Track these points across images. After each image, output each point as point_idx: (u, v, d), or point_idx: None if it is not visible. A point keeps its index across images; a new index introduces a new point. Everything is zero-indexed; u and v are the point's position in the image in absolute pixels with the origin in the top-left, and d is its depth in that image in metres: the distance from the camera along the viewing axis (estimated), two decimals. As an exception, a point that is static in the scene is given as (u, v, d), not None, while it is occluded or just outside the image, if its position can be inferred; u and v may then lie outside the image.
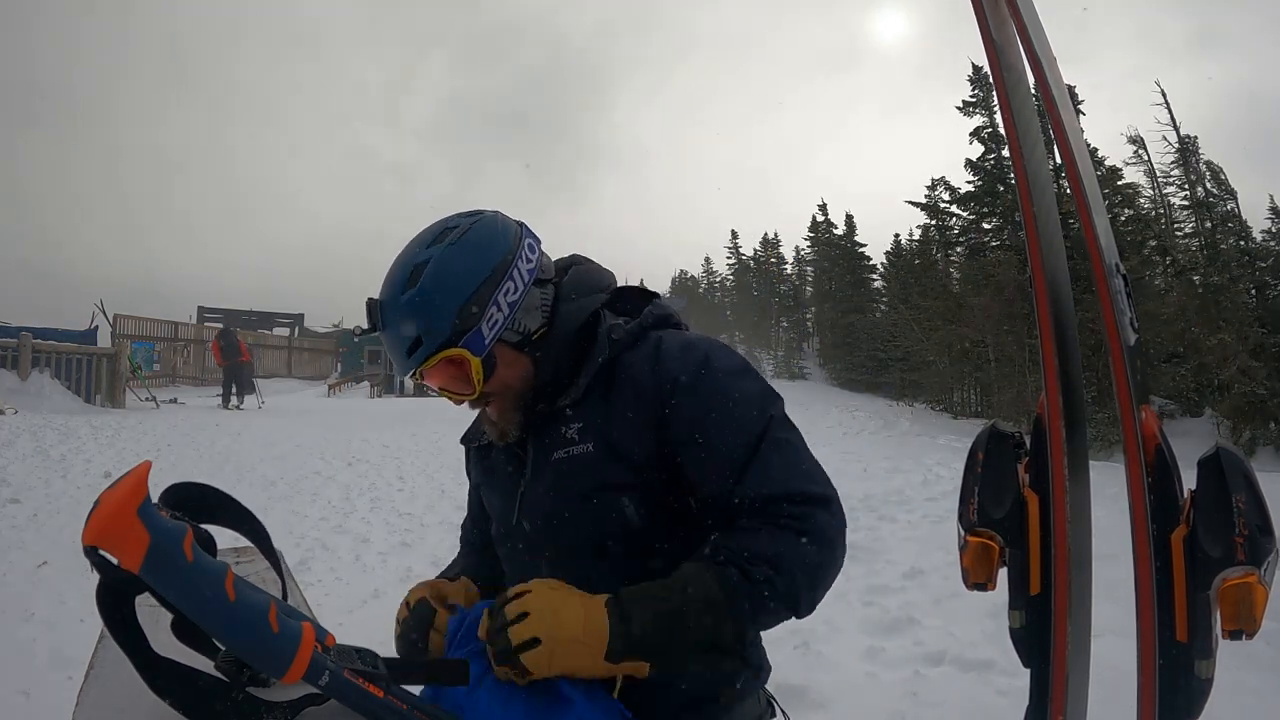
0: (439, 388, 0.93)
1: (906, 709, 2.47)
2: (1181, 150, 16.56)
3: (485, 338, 0.88)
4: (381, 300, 0.89)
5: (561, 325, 0.93)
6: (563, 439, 0.92)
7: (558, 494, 0.92)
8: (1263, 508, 0.84)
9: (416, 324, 0.87)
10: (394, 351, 0.90)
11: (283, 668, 0.74)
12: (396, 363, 0.91)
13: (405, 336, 0.87)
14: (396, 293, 0.88)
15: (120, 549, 0.69)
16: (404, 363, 0.89)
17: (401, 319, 0.87)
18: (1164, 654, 0.87)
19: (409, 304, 0.87)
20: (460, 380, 0.91)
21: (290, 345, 25.11)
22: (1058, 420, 0.92)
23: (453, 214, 0.94)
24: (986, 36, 0.90)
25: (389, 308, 0.89)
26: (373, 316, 0.89)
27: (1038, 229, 0.92)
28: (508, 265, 0.90)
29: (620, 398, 0.90)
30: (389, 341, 0.90)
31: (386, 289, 0.90)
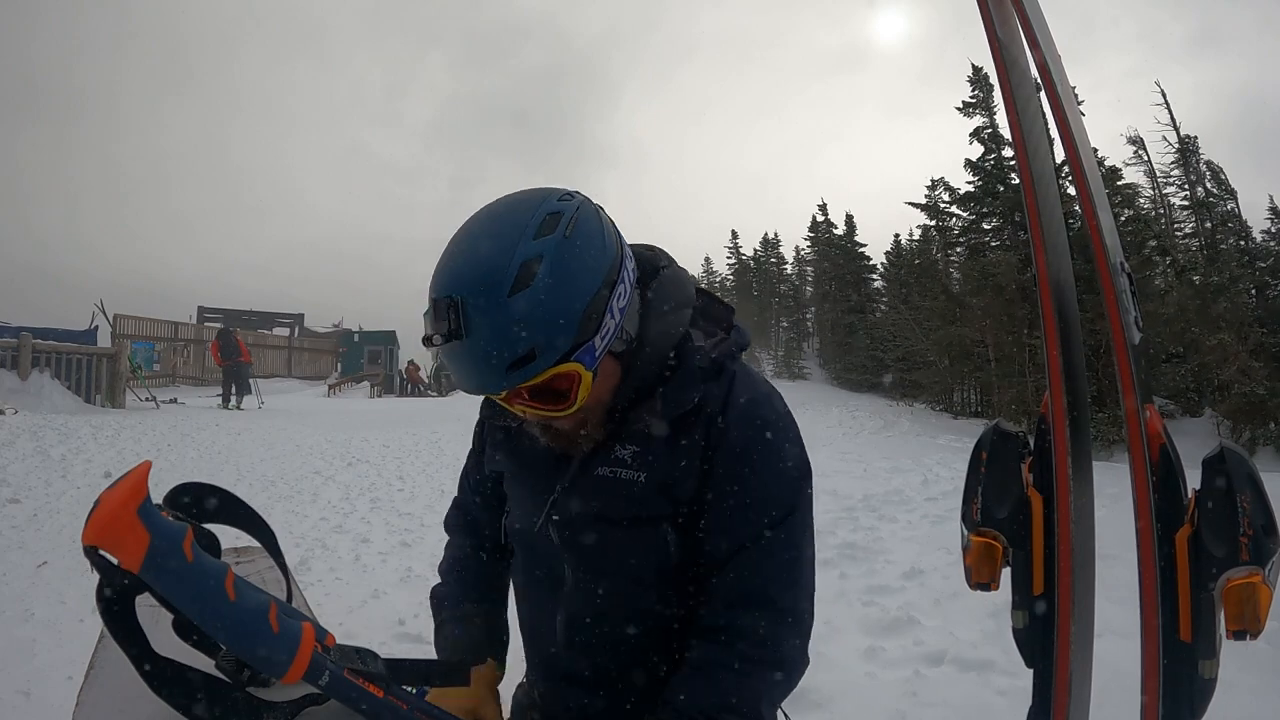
0: (523, 406, 0.79)
1: (906, 709, 2.47)
2: (1181, 150, 16.57)
3: (597, 350, 0.76)
4: (467, 301, 0.71)
5: (655, 342, 0.83)
6: (612, 456, 0.86)
7: (595, 513, 0.87)
8: (1267, 507, 0.84)
9: (530, 335, 0.71)
10: (484, 366, 0.72)
11: (283, 668, 0.74)
12: (483, 380, 0.73)
13: (509, 349, 0.71)
14: (498, 294, 0.70)
15: (120, 549, 0.68)
16: (498, 379, 0.72)
17: (506, 327, 0.70)
18: (1168, 654, 0.86)
19: (521, 310, 0.70)
20: (557, 397, 0.77)
21: (290, 345, 25.10)
22: (1061, 420, 0.91)
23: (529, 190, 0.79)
24: (991, 34, 0.90)
25: (484, 312, 0.70)
26: (450, 322, 0.71)
27: (1042, 227, 0.91)
28: (619, 264, 0.78)
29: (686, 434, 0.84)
30: (478, 354, 0.71)
31: (478, 287, 0.71)
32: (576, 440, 0.86)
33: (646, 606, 0.88)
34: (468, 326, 0.71)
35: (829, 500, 5.46)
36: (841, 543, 4.43)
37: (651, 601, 0.88)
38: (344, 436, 8.77)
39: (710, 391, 0.85)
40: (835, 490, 5.82)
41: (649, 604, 0.88)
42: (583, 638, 0.91)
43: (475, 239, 0.75)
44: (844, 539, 4.51)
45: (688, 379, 0.84)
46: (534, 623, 0.98)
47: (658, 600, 0.88)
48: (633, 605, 0.88)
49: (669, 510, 0.86)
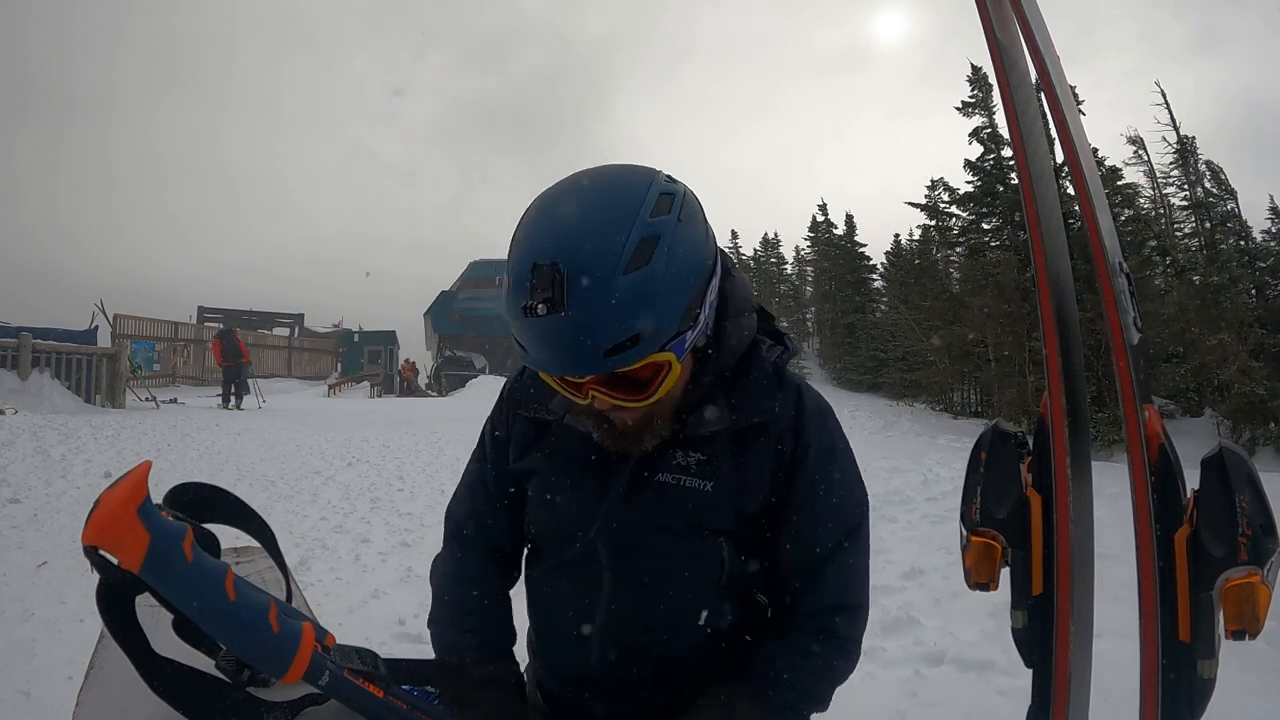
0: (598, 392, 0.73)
1: (906, 709, 2.47)
2: (1181, 150, 16.57)
3: (687, 342, 0.72)
4: (574, 272, 0.64)
5: (729, 343, 0.80)
6: (674, 463, 0.82)
7: (652, 523, 0.83)
8: (1266, 508, 0.84)
9: (637, 318, 0.65)
10: (578, 344, 0.66)
11: (283, 668, 0.74)
12: (576, 359, 0.67)
13: (614, 330, 0.65)
14: (613, 269, 0.64)
15: (120, 549, 0.68)
16: (594, 361, 0.67)
17: (618, 307, 0.65)
18: (1167, 654, 0.86)
19: (636, 290, 0.65)
20: (637, 386, 0.72)
21: (290, 345, 25.11)
22: (1061, 420, 0.92)
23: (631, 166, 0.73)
24: (990, 35, 0.90)
25: (594, 286, 0.64)
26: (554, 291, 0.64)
27: (1041, 228, 0.91)
28: (716, 258, 0.75)
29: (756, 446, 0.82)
30: (577, 331, 0.65)
31: (589, 259, 0.64)
32: (638, 438, 0.80)
33: (689, 619, 0.86)
34: (571, 299, 0.64)
35: (829, 500, 5.44)
36: (841, 543, 4.42)
37: (695, 614, 0.86)
38: (344, 436, 8.77)
39: (782, 402, 0.83)
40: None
41: (692, 616, 0.86)
42: (620, 648, 0.88)
43: (586, 207, 0.68)
44: (844, 539, 4.50)
45: (760, 387, 0.82)
46: (560, 628, 0.92)
47: (701, 613, 0.86)
48: (678, 618, 0.86)
49: (731, 525, 0.84)
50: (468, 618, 0.92)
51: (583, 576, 0.88)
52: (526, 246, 0.68)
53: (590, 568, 0.87)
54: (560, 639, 0.93)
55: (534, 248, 0.67)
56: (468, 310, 23.53)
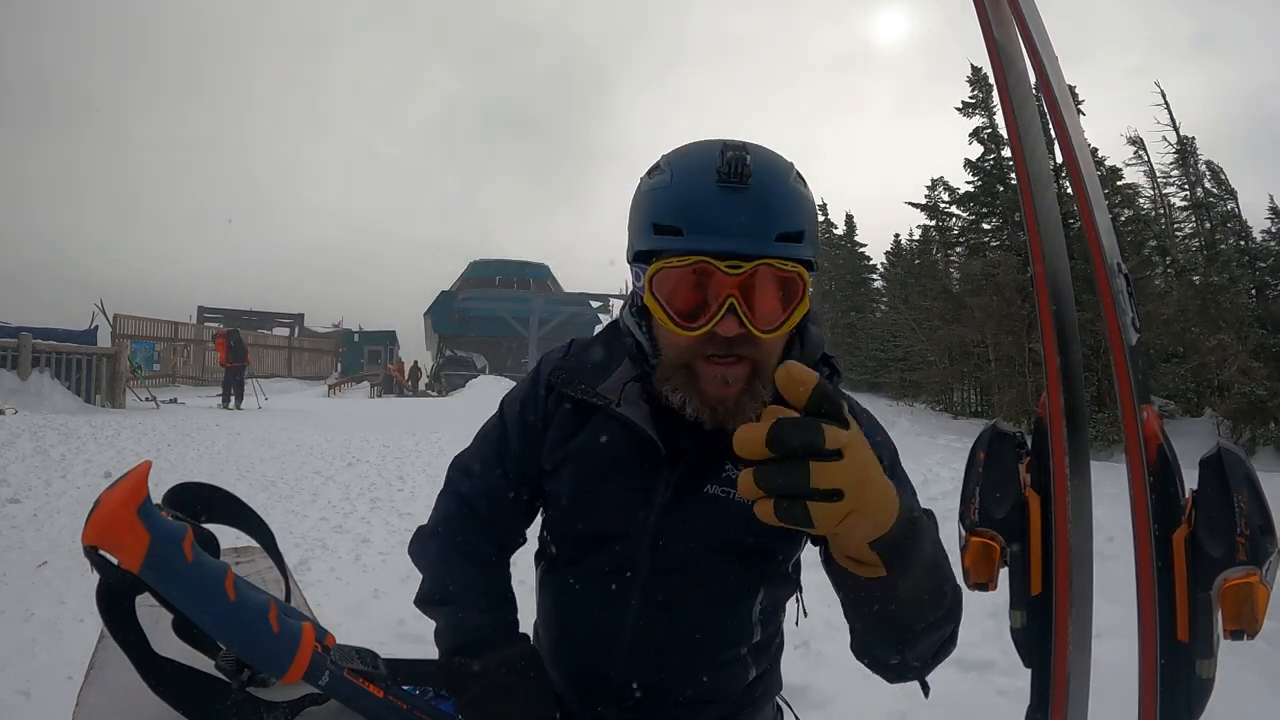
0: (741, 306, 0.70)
1: (906, 709, 2.47)
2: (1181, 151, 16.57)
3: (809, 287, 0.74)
4: (756, 159, 0.70)
5: (811, 347, 0.81)
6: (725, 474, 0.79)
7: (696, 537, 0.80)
8: (1264, 507, 0.84)
9: (804, 216, 0.72)
10: (760, 219, 0.69)
11: (283, 668, 0.74)
12: (752, 232, 0.69)
13: (787, 217, 0.70)
14: (787, 172, 0.72)
15: (120, 549, 0.68)
16: (768, 242, 0.69)
17: (792, 197, 0.72)
18: (1165, 654, 0.87)
19: (802, 192, 0.73)
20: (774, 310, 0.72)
21: (290, 345, 25.13)
22: (1059, 420, 0.92)
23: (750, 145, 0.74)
24: (988, 35, 0.90)
25: (773, 175, 0.71)
26: (739, 167, 0.68)
27: (1039, 228, 0.91)
28: None
29: None
30: (758, 205, 0.69)
31: (767, 155, 0.72)
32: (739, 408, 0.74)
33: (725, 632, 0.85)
34: (759, 178, 0.70)
35: (829, 500, 5.44)
36: (841, 543, 4.42)
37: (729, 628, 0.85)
38: (344, 436, 8.77)
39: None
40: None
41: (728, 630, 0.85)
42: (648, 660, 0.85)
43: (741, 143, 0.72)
44: (844, 539, 4.50)
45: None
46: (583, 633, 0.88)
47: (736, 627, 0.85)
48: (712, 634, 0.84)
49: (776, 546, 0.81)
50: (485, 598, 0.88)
51: (614, 583, 0.83)
52: (707, 144, 0.72)
53: (623, 574, 0.83)
54: (580, 644, 0.89)
55: (717, 143, 0.71)
56: (468, 310, 23.55)
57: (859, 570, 0.57)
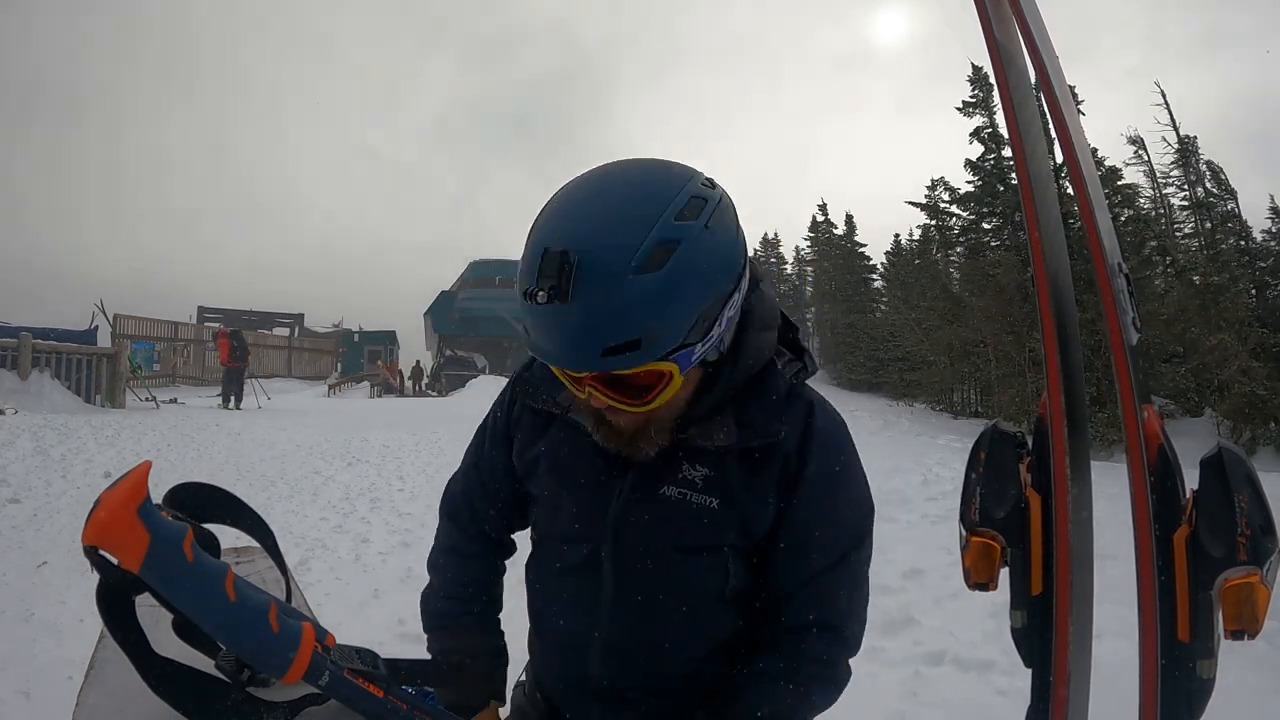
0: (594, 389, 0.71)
1: (906, 709, 2.47)
2: (1181, 150, 16.58)
3: (695, 355, 0.69)
4: (584, 262, 0.62)
5: (746, 360, 0.78)
6: (680, 477, 0.81)
7: (657, 537, 0.82)
8: (1265, 507, 0.84)
9: (642, 321, 0.64)
10: (580, 339, 0.64)
11: (283, 668, 0.74)
12: (572, 353, 0.66)
13: (614, 330, 0.63)
14: (622, 267, 0.62)
15: (120, 549, 0.68)
16: (591, 358, 0.65)
17: (621, 306, 0.63)
18: (1166, 654, 0.86)
19: (642, 292, 0.63)
20: (636, 391, 0.70)
21: (290, 345, 25.14)
22: (1060, 420, 0.92)
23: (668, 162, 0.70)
24: (988, 34, 0.90)
25: (601, 281, 0.62)
26: (560, 280, 0.62)
27: (1039, 228, 0.91)
28: (742, 272, 0.71)
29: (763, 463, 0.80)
30: (577, 323, 0.64)
31: (601, 252, 0.62)
32: (635, 444, 0.78)
33: (694, 632, 0.86)
34: (576, 290, 0.62)
35: (829, 500, 5.44)
36: (841, 543, 4.42)
37: (700, 627, 0.86)
38: (344, 436, 8.77)
39: (790, 419, 0.81)
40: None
41: (698, 630, 0.86)
42: (621, 656, 0.87)
43: (607, 198, 0.66)
44: (844, 539, 4.50)
45: (770, 407, 0.80)
46: (560, 633, 0.92)
47: (705, 625, 0.86)
48: (680, 630, 0.86)
49: (739, 541, 0.83)
50: (456, 586, 0.96)
51: (584, 583, 0.87)
52: (543, 230, 0.66)
53: (592, 574, 0.86)
54: (560, 644, 0.93)
55: (549, 233, 0.65)
56: (468, 310, 23.56)
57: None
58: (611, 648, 0.87)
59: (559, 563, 0.90)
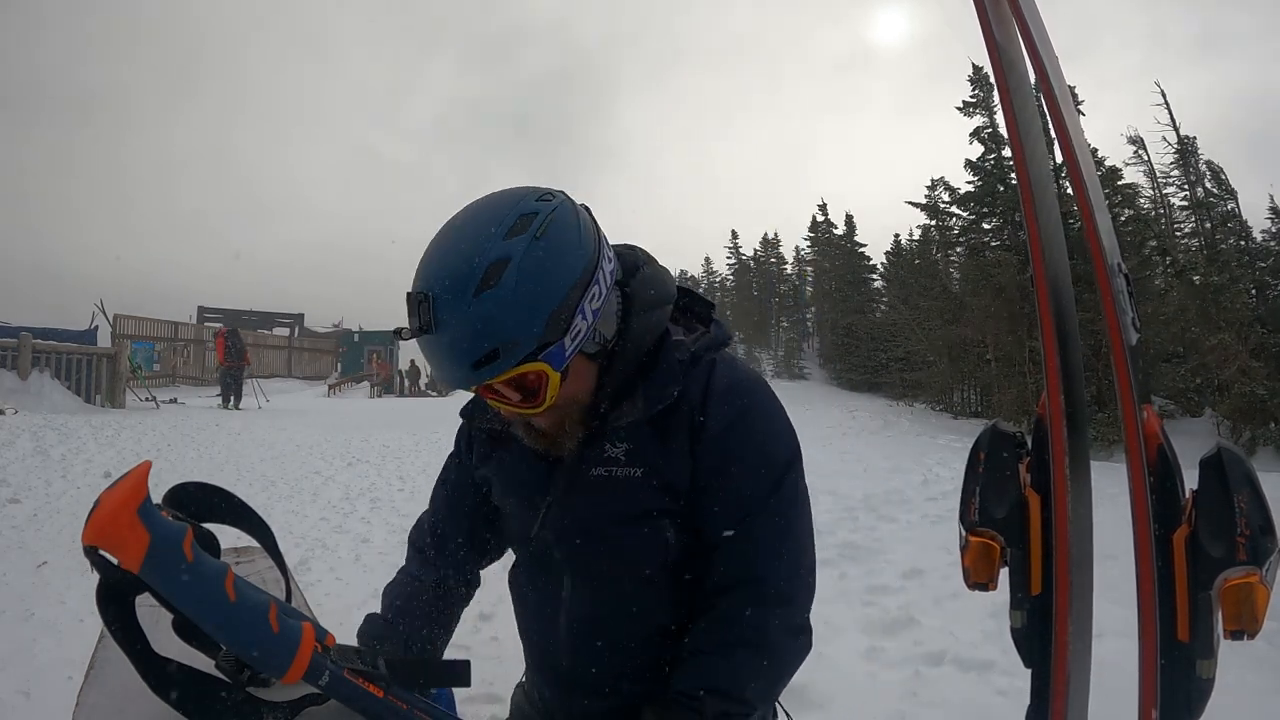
0: (496, 400, 0.81)
1: (906, 709, 2.47)
2: (1181, 150, 16.58)
3: (567, 350, 0.77)
4: (436, 297, 0.73)
5: (634, 340, 0.84)
6: (605, 456, 0.86)
7: (595, 514, 0.87)
8: (1264, 507, 0.84)
9: (493, 334, 0.72)
10: (451, 361, 0.74)
11: (283, 668, 0.74)
12: (451, 373, 0.76)
13: (473, 346, 0.73)
14: (464, 293, 0.72)
15: (120, 549, 0.68)
16: (466, 375, 0.75)
17: (472, 326, 0.72)
18: (1165, 654, 0.86)
19: (485, 310, 0.72)
20: (528, 394, 0.79)
21: (290, 345, 25.13)
22: (1059, 420, 0.92)
23: (513, 189, 0.79)
24: (988, 35, 0.90)
25: (451, 310, 0.72)
26: (421, 317, 0.73)
27: (1039, 228, 0.91)
28: (594, 266, 0.78)
29: (673, 426, 0.85)
30: (445, 349, 0.74)
31: (446, 285, 0.73)
32: (560, 439, 0.86)
33: (649, 607, 0.89)
34: (436, 322, 0.73)
35: (829, 500, 5.45)
36: (841, 543, 4.43)
37: (653, 601, 0.89)
38: (344, 436, 8.78)
39: (691, 382, 0.86)
40: (835, 490, 5.82)
41: (651, 604, 0.89)
42: (586, 643, 0.91)
43: (450, 237, 0.76)
44: (844, 539, 4.51)
45: (667, 374, 0.85)
46: (535, 629, 0.97)
47: (659, 600, 0.89)
48: (635, 606, 0.89)
49: (669, 505, 0.86)
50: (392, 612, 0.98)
51: (546, 576, 0.93)
52: (413, 278, 0.77)
53: (551, 567, 0.92)
54: (536, 640, 0.98)
55: (416, 278, 0.76)
56: (404, 338, 23.46)
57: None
58: (575, 631, 0.91)
59: (524, 562, 0.98)
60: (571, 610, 0.91)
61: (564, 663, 0.93)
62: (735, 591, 0.84)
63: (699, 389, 0.86)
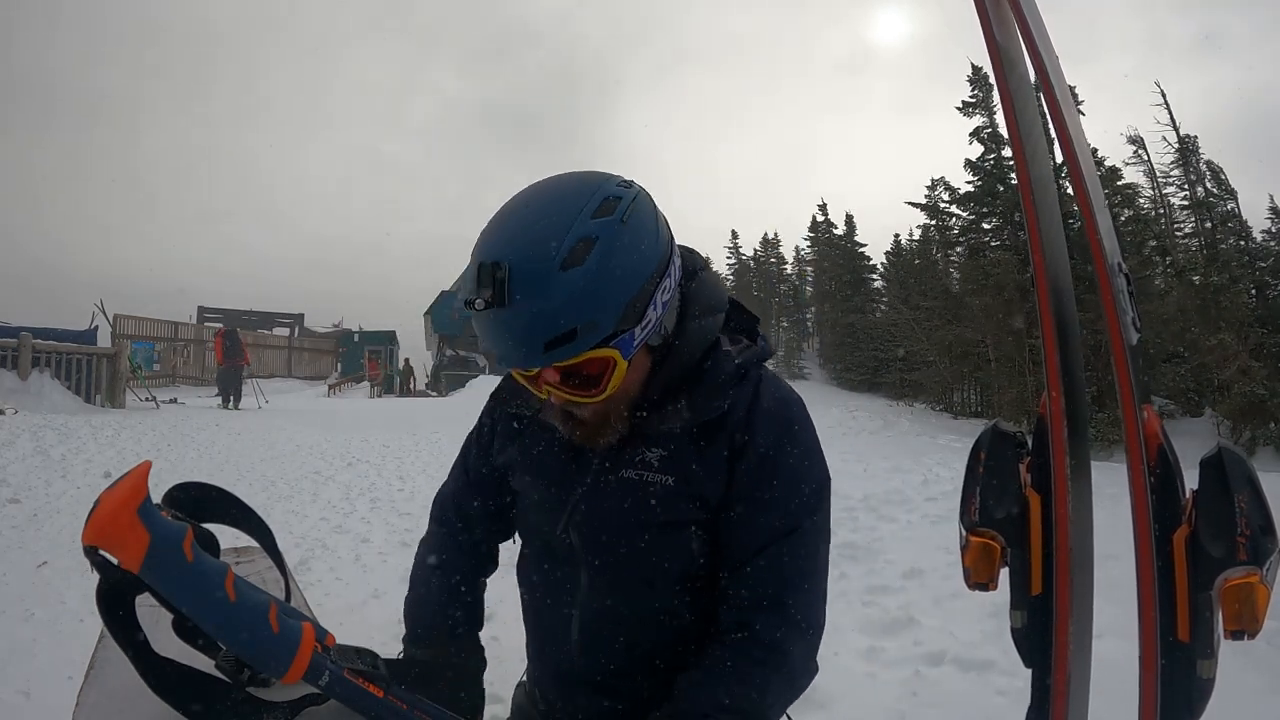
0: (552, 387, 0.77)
1: (906, 709, 2.47)
2: (1181, 150, 16.57)
3: (636, 340, 0.75)
4: (515, 268, 0.69)
5: (689, 343, 0.83)
6: (639, 459, 0.85)
7: (622, 516, 0.85)
8: (1264, 507, 0.84)
9: (575, 312, 0.69)
10: (523, 337, 0.70)
11: (283, 668, 0.74)
12: (518, 351, 0.71)
13: (551, 324, 0.69)
14: (549, 267, 0.69)
15: (120, 549, 0.68)
16: (534, 354, 0.71)
17: (553, 302, 0.69)
18: (1166, 654, 0.86)
19: (569, 287, 0.69)
20: (588, 382, 0.76)
21: (290, 345, 25.12)
22: (1059, 420, 0.92)
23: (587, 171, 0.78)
24: (989, 35, 0.90)
25: (531, 283, 0.69)
26: (495, 288, 0.68)
27: (1040, 228, 0.91)
28: (667, 259, 0.77)
29: (714, 439, 0.84)
30: (518, 324, 0.70)
31: (528, 256, 0.69)
32: (599, 434, 0.83)
33: (666, 610, 0.88)
34: (511, 295, 0.69)
35: (829, 500, 5.44)
36: (841, 543, 4.42)
37: (671, 605, 0.88)
38: (344, 436, 8.77)
39: (738, 397, 0.84)
40: (835, 490, 5.74)
41: (668, 608, 0.88)
42: (598, 641, 0.90)
43: (530, 209, 0.73)
44: (844, 539, 4.51)
45: (716, 385, 0.83)
46: (545, 623, 0.96)
47: (677, 604, 0.88)
48: (652, 608, 0.88)
49: (697, 515, 0.85)
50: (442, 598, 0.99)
51: (562, 571, 0.91)
52: (479, 247, 0.73)
53: (568, 562, 0.90)
54: (545, 633, 0.96)
55: (485, 248, 0.72)
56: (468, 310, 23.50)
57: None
58: (588, 629, 0.90)
59: (539, 554, 0.95)
60: (587, 606, 0.90)
61: (573, 658, 0.91)
62: (761, 613, 0.83)
63: (744, 405, 0.84)
